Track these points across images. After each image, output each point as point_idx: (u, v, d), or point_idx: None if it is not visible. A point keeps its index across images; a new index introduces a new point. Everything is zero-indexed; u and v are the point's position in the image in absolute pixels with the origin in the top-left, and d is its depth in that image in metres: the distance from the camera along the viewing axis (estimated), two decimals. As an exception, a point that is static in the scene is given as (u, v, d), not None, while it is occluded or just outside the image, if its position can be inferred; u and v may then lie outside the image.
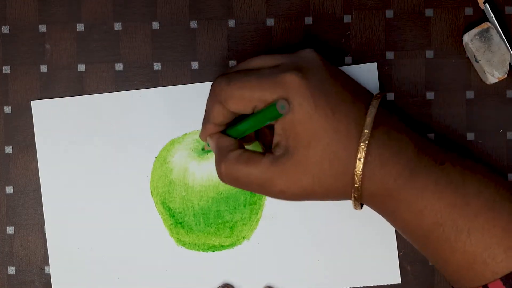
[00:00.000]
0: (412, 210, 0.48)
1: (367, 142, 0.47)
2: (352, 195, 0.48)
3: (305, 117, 0.47)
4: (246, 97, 0.48)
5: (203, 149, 0.57)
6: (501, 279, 0.47)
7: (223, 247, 0.57)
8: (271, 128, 0.52)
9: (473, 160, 0.51)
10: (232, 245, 0.57)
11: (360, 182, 0.48)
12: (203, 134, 0.52)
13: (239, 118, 0.50)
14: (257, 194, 0.57)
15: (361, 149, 0.47)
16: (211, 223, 0.57)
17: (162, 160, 0.57)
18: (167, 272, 0.57)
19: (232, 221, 0.57)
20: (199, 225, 0.57)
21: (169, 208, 0.57)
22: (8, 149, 0.57)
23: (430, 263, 0.56)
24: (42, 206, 0.57)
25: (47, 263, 0.57)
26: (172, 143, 0.57)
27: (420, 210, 0.48)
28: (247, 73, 0.49)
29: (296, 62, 0.49)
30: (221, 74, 0.50)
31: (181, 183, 0.57)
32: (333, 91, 0.48)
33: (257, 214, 0.57)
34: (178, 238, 0.57)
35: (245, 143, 0.53)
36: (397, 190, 0.48)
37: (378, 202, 0.49)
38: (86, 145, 0.57)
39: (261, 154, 0.49)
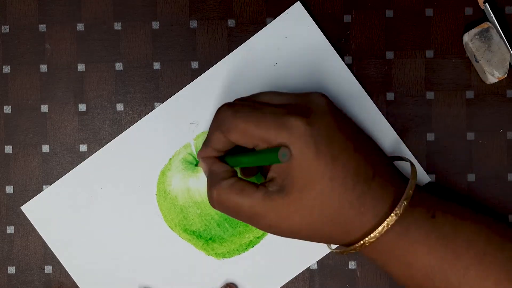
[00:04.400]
0: (403, 263, 0.49)
1: (391, 224, 0.47)
2: (348, 250, 0.49)
3: (304, 163, 0.47)
4: (249, 133, 0.47)
5: (196, 165, 0.57)
6: None
7: (259, 238, 0.57)
8: None
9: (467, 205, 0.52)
10: (265, 232, 0.57)
11: (362, 247, 0.48)
12: (200, 155, 0.52)
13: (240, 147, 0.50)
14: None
15: (385, 225, 0.48)
16: (237, 223, 0.57)
17: (163, 194, 0.57)
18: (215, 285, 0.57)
19: None
20: (227, 231, 0.57)
21: (193, 232, 0.57)
22: (8, 149, 0.57)
23: None
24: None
25: (47, 263, 0.57)
26: (163, 173, 0.57)
27: (411, 263, 0.48)
28: (253, 107, 0.48)
29: (303, 105, 0.48)
30: (226, 103, 0.49)
31: (191, 204, 0.57)
32: (336, 139, 0.48)
33: None
34: (215, 253, 0.57)
35: (246, 177, 0.54)
36: (388, 243, 0.48)
37: (369, 252, 0.50)
38: (89, 218, 0.57)
39: (254, 186, 0.49)
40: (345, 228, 0.48)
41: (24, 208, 0.57)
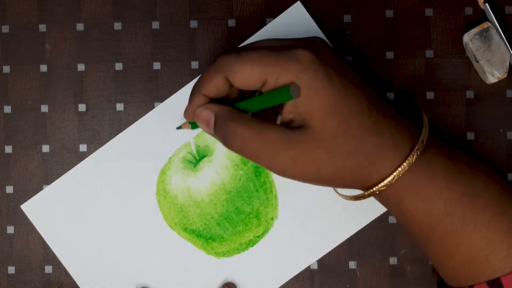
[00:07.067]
0: (421, 197, 0.48)
1: (410, 162, 0.47)
2: (370, 192, 0.48)
3: (319, 91, 0.46)
4: (257, 71, 0.47)
5: (196, 163, 0.57)
6: (487, 283, 0.47)
7: (258, 237, 0.57)
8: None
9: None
10: (265, 231, 0.57)
11: (378, 187, 0.48)
12: (192, 107, 0.50)
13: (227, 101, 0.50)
14: (263, 174, 0.57)
15: (405, 165, 0.47)
16: (237, 223, 0.57)
17: (163, 193, 0.57)
18: (214, 285, 0.57)
19: (254, 210, 0.57)
20: (227, 230, 0.57)
21: (193, 231, 0.57)
22: (8, 149, 0.57)
23: (430, 262, 0.56)
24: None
25: (47, 263, 0.57)
26: (163, 172, 0.57)
27: (430, 196, 0.48)
28: (256, 49, 0.48)
29: (306, 43, 0.48)
30: (225, 51, 0.49)
31: (191, 203, 0.57)
32: (344, 70, 0.48)
33: (271, 191, 0.57)
34: (215, 252, 0.57)
35: None
36: (406, 175, 0.48)
37: (387, 189, 0.48)
38: (89, 217, 0.57)
39: (272, 123, 0.48)
40: (370, 158, 0.47)
41: (24, 207, 0.57)
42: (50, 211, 0.57)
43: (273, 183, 0.57)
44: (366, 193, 0.49)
